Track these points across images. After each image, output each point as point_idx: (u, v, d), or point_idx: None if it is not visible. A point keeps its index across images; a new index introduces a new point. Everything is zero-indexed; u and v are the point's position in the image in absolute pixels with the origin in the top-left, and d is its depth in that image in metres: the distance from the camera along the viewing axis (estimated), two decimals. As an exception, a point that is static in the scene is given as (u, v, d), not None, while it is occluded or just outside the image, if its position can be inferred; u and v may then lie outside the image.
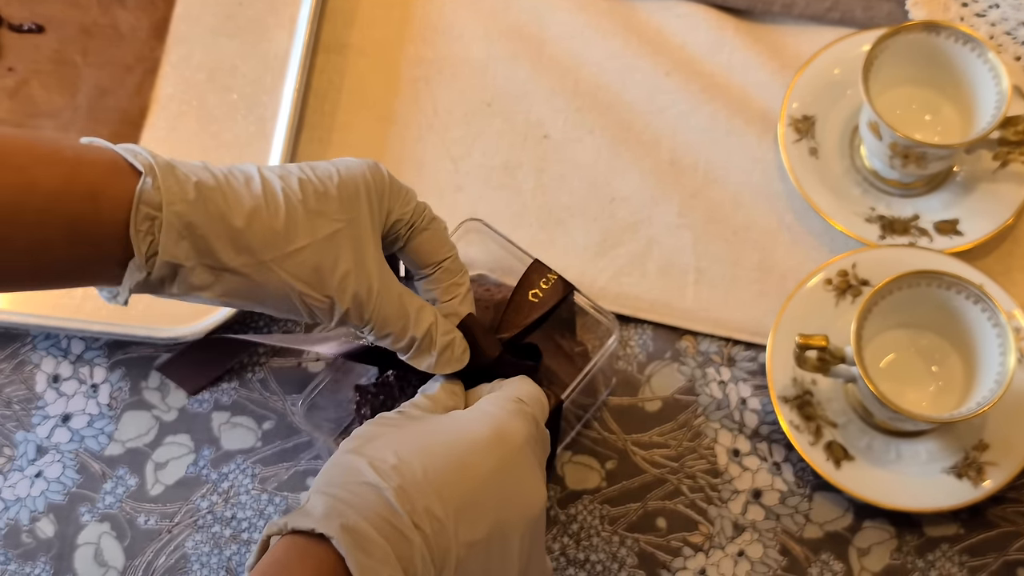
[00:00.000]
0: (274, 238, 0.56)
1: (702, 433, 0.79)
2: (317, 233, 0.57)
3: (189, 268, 0.54)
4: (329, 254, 0.58)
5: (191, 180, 0.55)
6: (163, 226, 0.53)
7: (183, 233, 0.54)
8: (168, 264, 0.54)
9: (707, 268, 0.84)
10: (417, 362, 0.63)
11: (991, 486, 0.75)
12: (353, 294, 0.58)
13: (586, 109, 0.89)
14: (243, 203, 0.56)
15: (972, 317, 0.74)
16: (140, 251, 0.53)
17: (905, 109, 0.85)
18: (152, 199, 0.53)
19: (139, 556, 0.77)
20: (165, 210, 0.53)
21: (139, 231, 0.53)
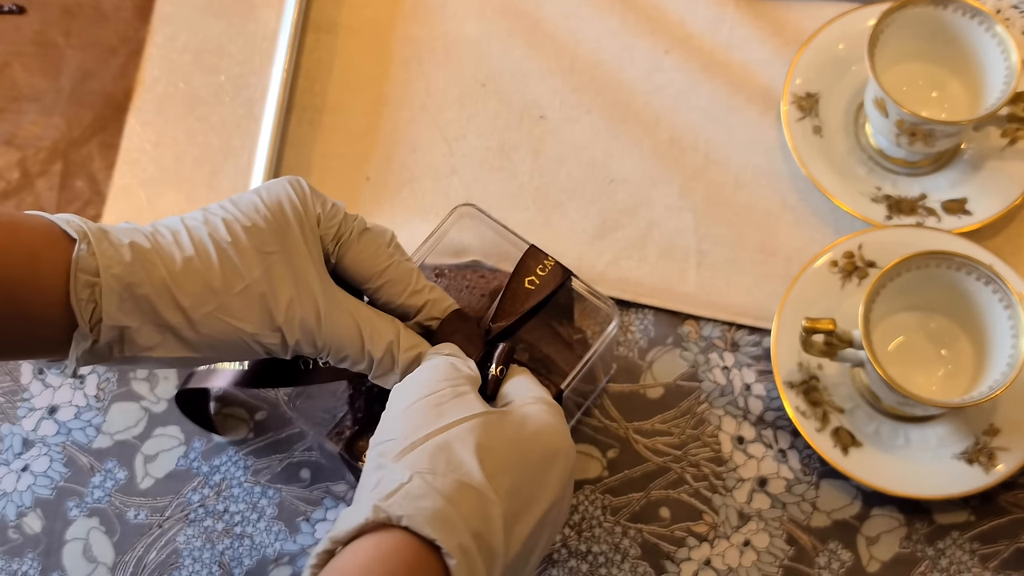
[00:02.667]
0: (211, 288, 0.56)
1: (705, 420, 0.77)
2: (253, 272, 0.57)
3: (135, 329, 0.54)
4: (269, 289, 0.57)
5: (124, 243, 0.54)
6: (103, 291, 0.53)
7: (124, 296, 0.54)
8: (114, 328, 0.54)
9: (709, 251, 0.82)
10: (383, 381, 0.61)
11: (1003, 472, 0.73)
12: (300, 322, 0.58)
13: (583, 88, 0.87)
14: (176, 259, 0.55)
15: (982, 299, 0.73)
16: (83, 319, 0.53)
17: (911, 85, 0.83)
18: (88, 265, 0.53)
19: (129, 551, 0.76)
20: (103, 274, 0.53)
21: (80, 299, 0.53)
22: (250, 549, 0.75)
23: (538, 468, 0.55)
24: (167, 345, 0.56)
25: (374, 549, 0.49)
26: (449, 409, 0.55)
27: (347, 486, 0.76)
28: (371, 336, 0.60)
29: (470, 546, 0.49)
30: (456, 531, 0.49)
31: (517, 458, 0.54)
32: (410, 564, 0.48)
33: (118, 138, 0.86)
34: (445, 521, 0.49)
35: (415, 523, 0.49)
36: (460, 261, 0.75)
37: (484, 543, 0.50)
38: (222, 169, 0.85)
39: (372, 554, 0.49)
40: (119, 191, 0.84)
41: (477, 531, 0.50)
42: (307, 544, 0.75)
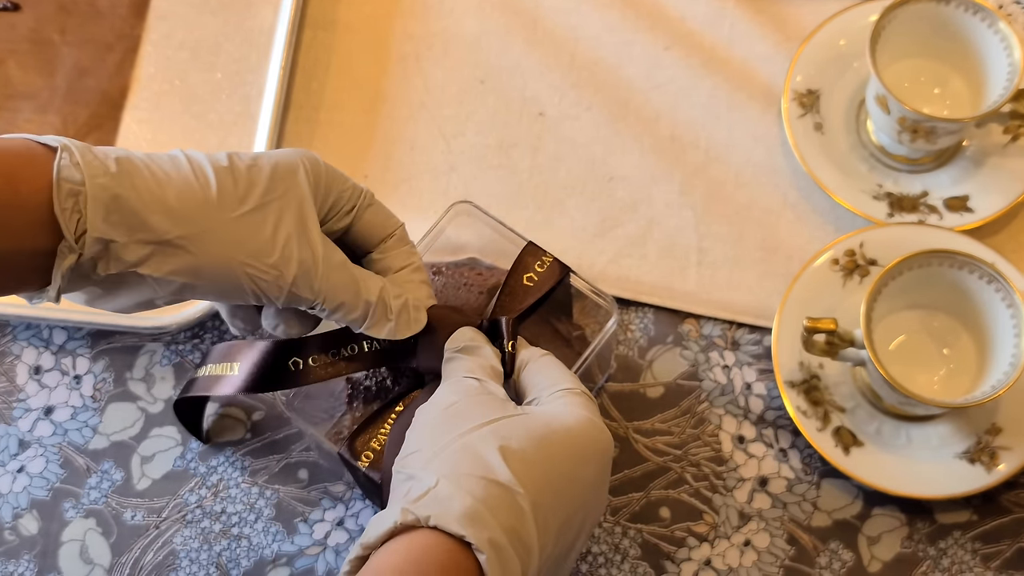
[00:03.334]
0: (207, 207, 0.54)
1: (706, 419, 0.77)
2: (250, 201, 0.55)
3: (122, 244, 0.52)
4: (268, 221, 0.55)
5: (111, 156, 0.52)
6: (88, 200, 0.51)
7: (111, 207, 0.51)
8: (99, 240, 0.51)
9: (709, 248, 0.81)
10: (376, 330, 0.60)
11: (1005, 471, 0.72)
12: (299, 261, 0.56)
13: (583, 85, 0.86)
14: (171, 176, 0.53)
15: (985, 297, 0.72)
16: (68, 229, 0.50)
17: (913, 82, 0.82)
18: (72, 175, 0.50)
19: (126, 553, 0.75)
20: (88, 183, 0.51)
21: (64, 209, 0.50)
22: (248, 550, 0.75)
23: (567, 461, 0.54)
24: (153, 263, 0.53)
25: (405, 551, 0.49)
26: (470, 415, 0.55)
27: (345, 486, 0.76)
28: (366, 284, 0.59)
29: (501, 541, 0.49)
30: (486, 527, 0.49)
31: (544, 454, 0.53)
32: (442, 563, 0.48)
33: (114, 136, 0.85)
34: (474, 517, 0.49)
35: (443, 522, 0.48)
36: (457, 259, 0.75)
37: (517, 538, 0.50)
38: (219, 167, 0.84)
39: (403, 556, 0.48)
40: (115, 189, 0.83)
41: (509, 526, 0.49)
42: (305, 545, 0.74)
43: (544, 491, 0.52)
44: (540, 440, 0.54)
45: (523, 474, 0.51)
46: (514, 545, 0.49)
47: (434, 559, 0.48)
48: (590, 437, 0.56)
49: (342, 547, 0.74)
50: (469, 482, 0.50)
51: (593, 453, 0.56)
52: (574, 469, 0.54)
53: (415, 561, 0.48)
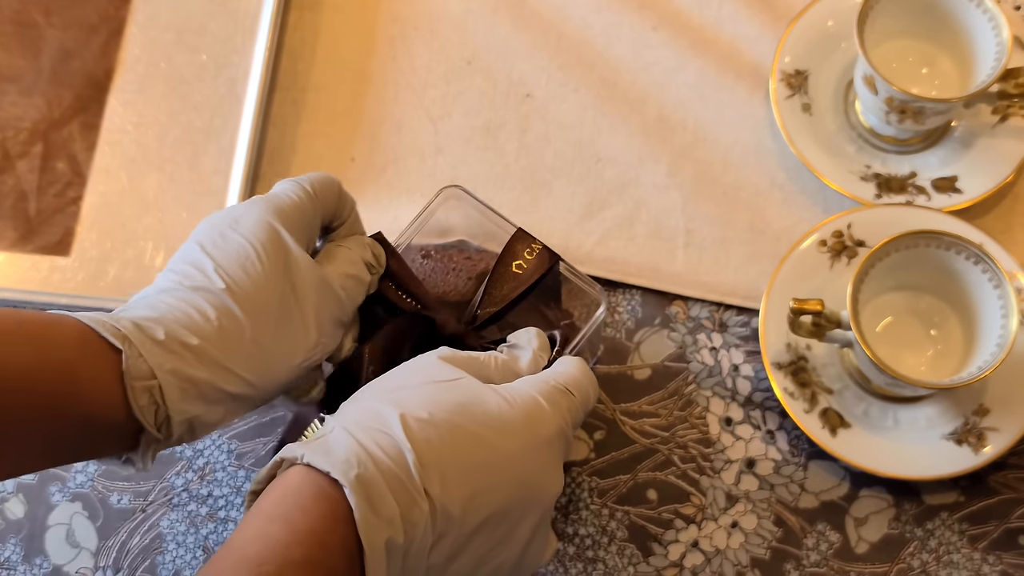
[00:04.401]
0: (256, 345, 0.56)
1: (693, 401, 0.77)
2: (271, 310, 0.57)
3: (202, 414, 0.55)
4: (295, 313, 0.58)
5: (160, 335, 0.54)
6: (164, 390, 0.53)
7: (185, 388, 0.54)
8: (185, 421, 0.54)
9: (697, 230, 0.81)
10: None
11: (992, 452, 0.72)
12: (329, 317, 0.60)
13: (570, 66, 0.86)
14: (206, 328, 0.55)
15: (972, 278, 0.72)
16: (150, 424, 0.53)
17: (901, 62, 0.82)
18: (140, 370, 0.52)
19: (112, 536, 0.75)
20: (160, 375, 0.53)
21: (141, 406, 0.53)
22: (234, 533, 0.74)
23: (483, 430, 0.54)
24: (234, 411, 0.57)
25: (283, 486, 0.51)
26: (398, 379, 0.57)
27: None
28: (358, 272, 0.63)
29: (374, 479, 0.50)
30: (355, 466, 0.50)
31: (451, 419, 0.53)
32: (314, 493, 0.50)
33: (99, 119, 0.85)
34: (345, 457, 0.50)
35: (313, 459, 0.50)
36: (446, 241, 0.74)
37: (398, 483, 0.50)
38: (204, 149, 0.84)
39: (280, 490, 0.50)
40: (100, 172, 0.83)
41: (388, 471, 0.50)
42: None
43: (441, 451, 0.52)
44: (454, 406, 0.54)
45: (418, 432, 0.52)
46: (393, 489, 0.50)
47: (309, 491, 0.50)
48: (526, 415, 0.55)
49: (329, 530, 0.74)
50: (359, 430, 0.52)
51: (524, 434, 0.55)
52: (489, 437, 0.54)
53: (291, 493, 0.50)
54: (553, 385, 0.58)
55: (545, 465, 0.56)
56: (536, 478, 0.55)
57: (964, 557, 0.72)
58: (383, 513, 0.49)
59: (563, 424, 0.57)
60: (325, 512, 0.49)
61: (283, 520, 0.49)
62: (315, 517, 0.49)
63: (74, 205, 0.82)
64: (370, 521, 0.49)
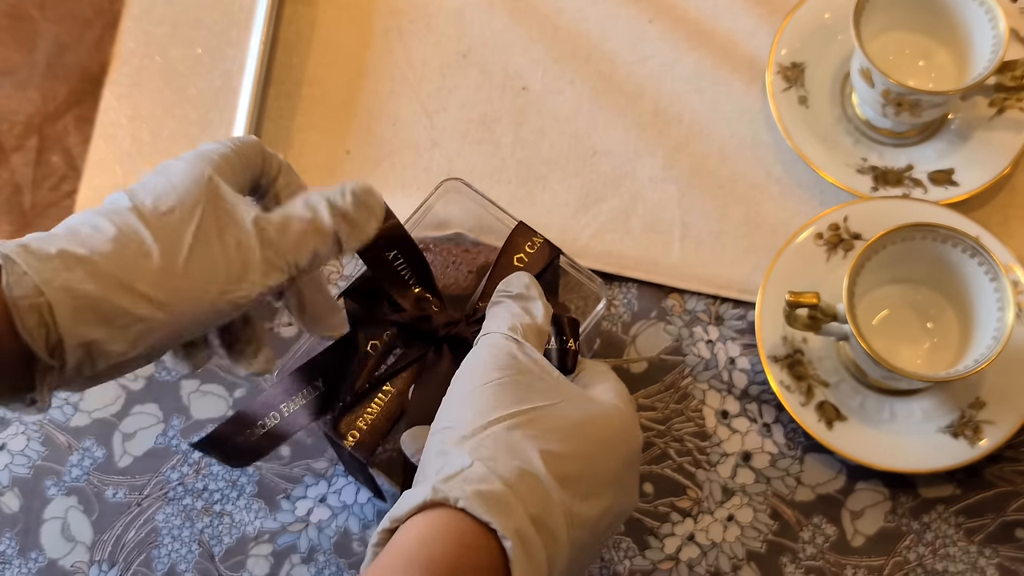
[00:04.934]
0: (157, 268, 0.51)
1: (689, 395, 0.77)
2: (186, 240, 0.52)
3: (105, 340, 0.49)
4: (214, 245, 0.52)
5: (52, 252, 0.49)
6: (55, 308, 0.47)
7: (79, 308, 0.48)
8: (79, 346, 0.48)
9: (693, 223, 0.81)
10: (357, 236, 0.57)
11: (988, 445, 0.72)
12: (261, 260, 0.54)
13: (566, 59, 0.86)
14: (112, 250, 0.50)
15: (968, 271, 0.72)
16: (40, 347, 0.48)
17: (898, 55, 0.81)
18: (26, 289, 0.47)
19: (108, 530, 0.75)
20: (48, 291, 0.47)
21: (28, 327, 0.47)
22: (230, 527, 0.74)
23: (602, 457, 0.54)
24: (145, 339, 0.50)
25: (429, 526, 0.48)
26: (512, 395, 0.54)
27: (328, 463, 0.76)
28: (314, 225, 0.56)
29: (528, 531, 0.48)
30: (514, 515, 0.48)
31: (580, 447, 0.53)
32: (465, 542, 0.47)
33: (94, 112, 0.85)
34: (502, 505, 0.48)
35: (471, 506, 0.48)
36: (443, 234, 0.74)
37: (545, 529, 0.49)
38: (199, 142, 0.82)
39: (427, 531, 0.48)
40: (95, 166, 0.83)
41: (537, 516, 0.49)
42: (287, 522, 0.74)
43: (577, 484, 0.51)
44: (574, 431, 0.53)
45: (555, 467, 0.51)
46: (541, 535, 0.49)
47: (457, 538, 0.47)
48: (622, 428, 0.56)
49: (324, 524, 0.74)
50: (503, 469, 0.50)
51: (622, 444, 0.55)
52: (603, 460, 0.54)
53: (439, 539, 0.47)
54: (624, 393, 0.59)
55: (637, 477, 0.58)
56: (633, 489, 0.57)
57: (960, 550, 0.72)
58: (535, 562, 0.48)
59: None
60: (474, 564, 0.47)
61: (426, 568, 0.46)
62: (461, 570, 0.47)
63: (69, 199, 0.82)
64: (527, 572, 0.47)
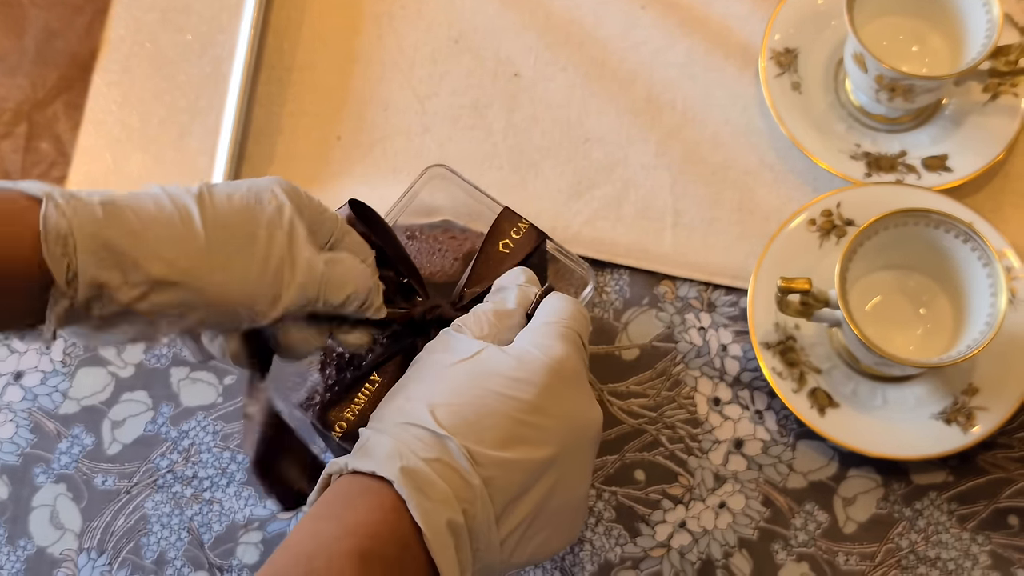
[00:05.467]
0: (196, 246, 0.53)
1: (681, 382, 0.76)
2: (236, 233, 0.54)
3: (116, 286, 0.51)
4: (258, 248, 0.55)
5: (95, 200, 0.52)
6: (78, 246, 0.50)
7: (102, 252, 0.51)
8: (93, 284, 0.51)
9: (685, 210, 0.81)
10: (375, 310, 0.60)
11: (981, 432, 0.72)
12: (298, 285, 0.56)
13: (558, 45, 0.85)
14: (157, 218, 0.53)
15: (961, 257, 0.71)
16: (59, 274, 0.50)
17: (891, 40, 0.81)
18: (59, 223, 0.50)
19: (97, 518, 0.74)
20: (77, 231, 0.50)
21: (52, 255, 0.50)
22: (219, 515, 0.74)
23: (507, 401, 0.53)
24: (147, 302, 0.52)
25: (329, 492, 0.52)
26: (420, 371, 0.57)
27: (318, 450, 0.75)
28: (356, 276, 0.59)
29: (419, 467, 0.50)
30: (397, 460, 0.50)
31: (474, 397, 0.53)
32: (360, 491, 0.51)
33: (83, 99, 0.84)
34: (386, 455, 0.51)
35: (355, 463, 0.52)
36: (431, 221, 0.74)
37: (441, 466, 0.51)
38: (189, 129, 0.83)
39: (328, 496, 0.52)
40: (84, 152, 0.82)
41: (430, 457, 0.51)
42: (277, 509, 0.74)
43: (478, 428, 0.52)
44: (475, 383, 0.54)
45: (450, 418, 0.52)
46: (440, 473, 0.50)
47: (355, 490, 0.51)
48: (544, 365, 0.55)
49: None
50: (392, 429, 0.53)
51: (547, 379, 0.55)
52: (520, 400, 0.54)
53: (338, 496, 0.51)
54: (555, 326, 0.58)
55: (578, 402, 0.56)
56: (576, 417, 0.56)
57: (953, 537, 0.72)
58: (435, 497, 0.50)
59: (580, 355, 0.58)
60: (373, 505, 0.50)
61: (331, 518, 0.50)
62: (363, 511, 0.50)
63: (58, 185, 0.81)
64: (424, 506, 0.49)
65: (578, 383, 0.57)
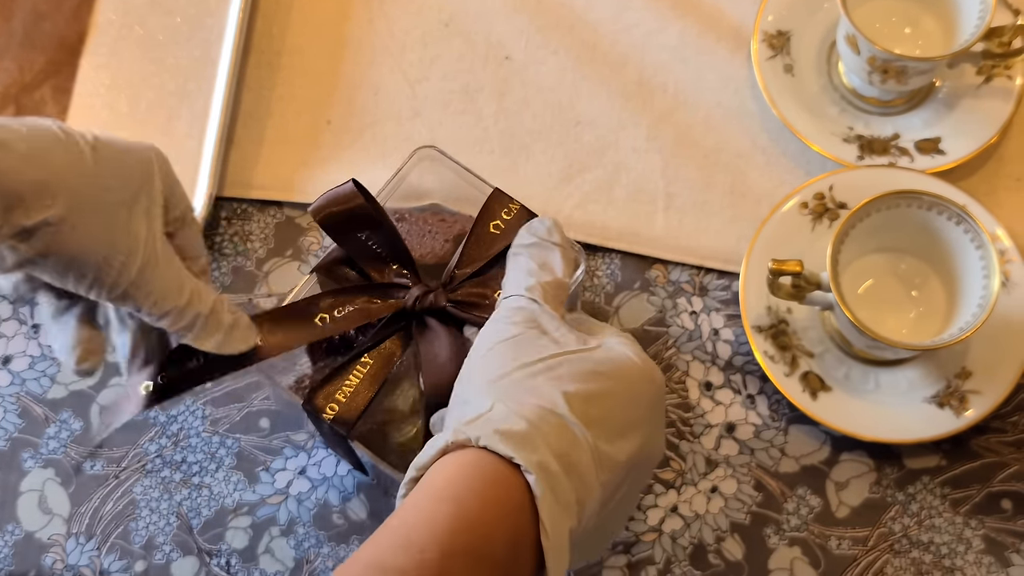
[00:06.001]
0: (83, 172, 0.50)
1: (673, 366, 0.76)
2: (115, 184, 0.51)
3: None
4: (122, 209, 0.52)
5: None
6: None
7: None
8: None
9: (677, 193, 0.80)
10: (202, 342, 0.57)
11: (974, 415, 0.72)
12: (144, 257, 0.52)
13: (549, 28, 0.85)
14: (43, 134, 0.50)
15: (954, 239, 0.71)
16: None
17: (884, 22, 0.80)
18: None
19: (85, 503, 0.74)
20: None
21: None
22: (208, 499, 0.74)
23: (626, 398, 0.53)
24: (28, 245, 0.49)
25: (455, 466, 0.48)
26: (530, 349, 0.54)
27: (307, 435, 0.75)
28: (199, 294, 0.56)
29: (551, 465, 0.48)
30: (536, 450, 0.48)
31: (603, 387, 0.52)
32: (489, 477, 0.47)
33: (71, 82, 0.84)
34: (524, 440, 0.48)
35: (492, 442, 0.48)
36: (420, 204, 0.73)
37: (571, 465, 0.49)
38: (178, 113, 0.82)
39: (453, 470, 0.48)
40: (72, 136, 0.82)
41: (562, 453, 0.49)
42: (267, 494, 0.73)
43: (603, 426, 0.51)
44: (596, 374, 0.53)
45: (579, 408, 0.51)
46: (568, 472, 0.48)
47: (482, 474, 0.47)
48: (644, 371, 0.55)
49: (304, 496, 0.73)
50: (525, 408, 0.50)
51: (645, 386, 0.55)
52: (627, 402, 0.53)
53: (464, 476, 0.47)
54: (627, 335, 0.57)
55: (663, 422, 0.57)
56: (660, 434, 0.56)
57: (946, 521, 0.72)
58: (562, 500, 0.48)
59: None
60: (501, 498, 0.47)
61: (453, 502, 0.46)
62: (488, 503, 0.47)
63: (46, 170, 0.81)
64: (555, 512, 0.47)
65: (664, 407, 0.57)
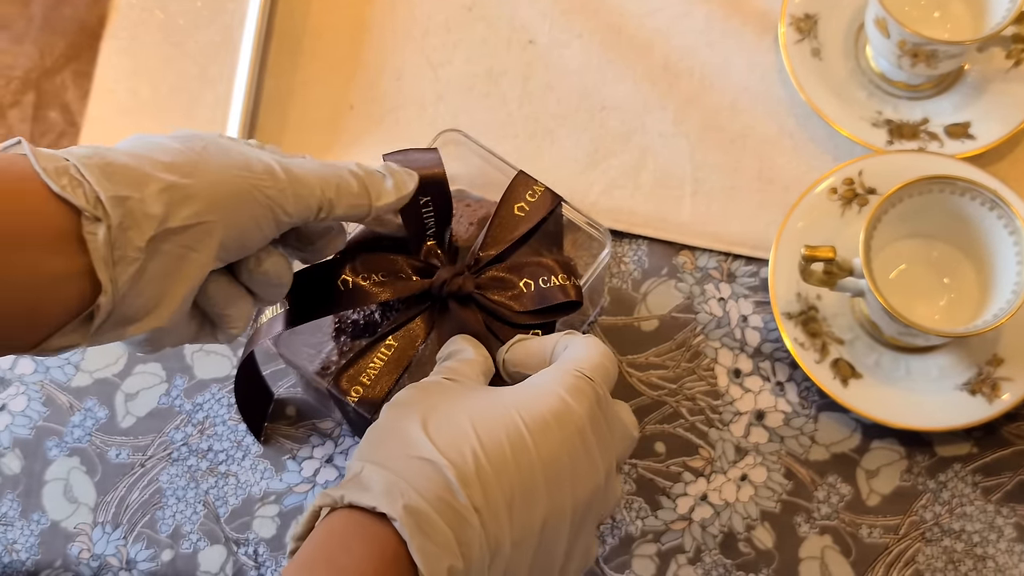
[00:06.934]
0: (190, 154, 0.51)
1: (701, 353, 0.75)
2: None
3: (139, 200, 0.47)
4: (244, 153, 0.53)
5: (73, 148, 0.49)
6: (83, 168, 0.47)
7: (107, 170, 0.47)
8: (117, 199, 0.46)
9: (705, 179, 0.79)
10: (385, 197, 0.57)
11: (1006, 402, 0.71)
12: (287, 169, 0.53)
13: (574, 11, 0.84)
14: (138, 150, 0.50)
15: (987, 224, 0.70)
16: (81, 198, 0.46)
17: (913, 5, 0.80)
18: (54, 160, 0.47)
19: (111, 491, 0.74)
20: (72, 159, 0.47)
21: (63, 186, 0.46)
22: (235, 488, 0.73)
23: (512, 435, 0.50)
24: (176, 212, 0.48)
25: (324, 531, 0.48)
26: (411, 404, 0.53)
27: (334, 423, 0.74)
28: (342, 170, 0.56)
29: (421, 507, 0.47)
30: (401, 496, 0.47)
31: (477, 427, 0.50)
32: (359, 533, 0.47)
33: (92, 67, 0.83)
34: (389, 490, 0.47)
35: (355, 497, 0.47)
36: (445, 190, 0.73)
37: (446, 505, 0.47)
38: (199, 98, 0.82)
39: (322, 535, 0.47)
40: (94, 121, 0.81)
41: (433, 495, 0.47)
42: (293, 482, 0.73)
43: (477, 462, 0.49)
44: (474, 412, 0.51)
45: (449, 446, 0.49)
46: (441, 512, 0.47)
47: (353, 531, 0.47)
48: (549, 415, 0.51)
49: (331, 484, 0.73)
50: (391, 461, 0.49)
51: (555, 431, 0.51)
52: (519, 439, 0.50)
53: (332, 536, 0.47)
54: (572, 374, 0.54)
55: (580, 457, 0.52)
56: (573, 473, 0.51)
57: (977, 509, 0.71)
58: (438, 540, 0.46)
59: (589, 408, 0.53)
60: (373, 551, 0.46)
61: (325, 563, 0.46)
62: (362, 557, 0.46)
63: (67, 155, 0.80)
64: (427, 550, 0.46)
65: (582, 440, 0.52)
